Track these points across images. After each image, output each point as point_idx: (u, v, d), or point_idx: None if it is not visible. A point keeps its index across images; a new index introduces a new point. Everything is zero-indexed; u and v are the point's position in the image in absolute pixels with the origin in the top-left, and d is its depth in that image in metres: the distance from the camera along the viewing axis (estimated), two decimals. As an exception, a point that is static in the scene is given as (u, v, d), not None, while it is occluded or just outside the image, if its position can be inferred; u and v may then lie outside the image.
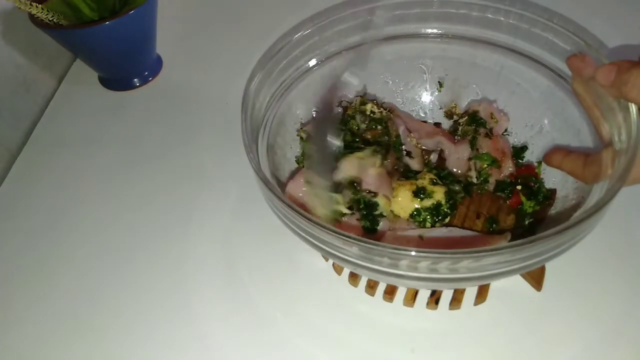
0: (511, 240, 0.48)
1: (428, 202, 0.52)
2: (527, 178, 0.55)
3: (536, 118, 0.57)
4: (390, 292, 0.51)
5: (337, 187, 0.52)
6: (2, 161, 0.72)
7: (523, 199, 0.54)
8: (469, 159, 0.57)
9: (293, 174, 0.56)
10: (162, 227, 0.60)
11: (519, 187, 0.55)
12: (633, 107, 0.42)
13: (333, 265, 0.54)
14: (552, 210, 0.52)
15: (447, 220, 0.53)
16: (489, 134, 0.57)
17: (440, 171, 0.56)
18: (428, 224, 0.52)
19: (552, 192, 0.54)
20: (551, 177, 0.54)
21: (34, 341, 0.53)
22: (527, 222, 0.53)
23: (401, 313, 0.51)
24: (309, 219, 0.39)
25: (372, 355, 0.49)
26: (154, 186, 0.65)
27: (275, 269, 0.55)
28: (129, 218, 0.62)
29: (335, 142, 0.52)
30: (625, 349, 0.47)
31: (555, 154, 0.51)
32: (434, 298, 0.50)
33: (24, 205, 0.65)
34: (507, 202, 0.55)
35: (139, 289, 0.55)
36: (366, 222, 0.51)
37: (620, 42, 0.72)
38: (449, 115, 0.62)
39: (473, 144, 0.57)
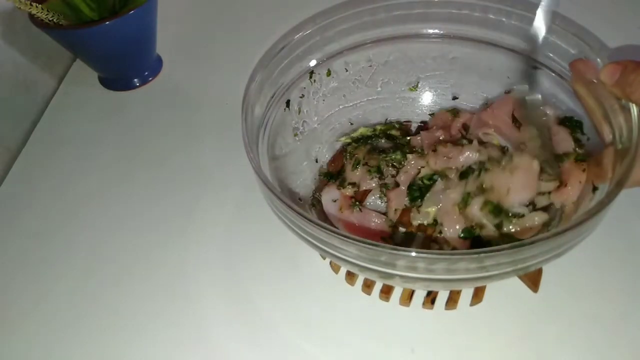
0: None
1: None
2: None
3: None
4: (386, 291, 0.51)
5: None
6: (2, 161, 0.72)
7: None
8: None
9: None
10: (163, 227, 0.60)
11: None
12: (634, 109, 0.42)
13: (330, 263, 0.54)
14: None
15: None
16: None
17: None
18: None
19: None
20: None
21: (34, 341, 0.53)
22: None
23: (397, 312, 0.51)
24: (308, 219, 0.39)
25: (371, 355, 0.49)
26: (154, 186, 0.65)
27: (275, 268, 0.55)
28: (129, 218, 0.62)
29: None
30: (623, 351, 0.47)
31: None
32: (430, 298, 0.50)
33: (24, 205, 0.65)
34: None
35: (140, 290, 0.55)
36: None
37: (621, 42, 0.72)
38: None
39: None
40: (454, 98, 0.62)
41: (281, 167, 0.54)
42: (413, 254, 0.36)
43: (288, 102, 0.56)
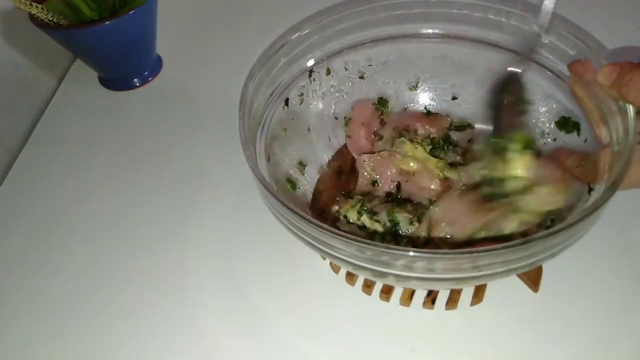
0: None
1: None
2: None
3: (536, 119, 0.57)
4: (387, 291, 0.51)
5: None
6: (2, 161, 0.72)
7: None
8: None
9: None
10: (162, 227, 0.60)
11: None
12: (631, 110, 0.42)
13: (330, 264, 0.54)
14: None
15: None
16: None
17: None
18: None
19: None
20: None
21: (34, 340, 0.53)
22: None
23: (398, 312, 0.51)
24: (305, 219, 0.39)
25: (371, 355, 0.49)
26: (153, 186, 0.65)
27: (274, 268, 0.55)
28: (129, 218, 0.62)
29: None
30: (623, 351, 0.47)
31: (558, 155, 0.52)
32: (431, 298, 0.50)
33: (24, 205, 0.65)
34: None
35: (139, 289, 0.55)
36: None
37: (619, 44, 0.72)
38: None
39: None
40: (454, 98, 0.62)
41: (279, 165, 0.54)
42: (411, 253, 0.36)
43: (287, 101, 0.56)
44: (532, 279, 0.50)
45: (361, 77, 0.61)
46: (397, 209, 0.52)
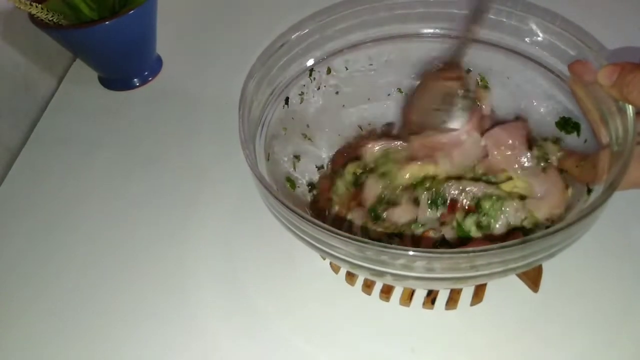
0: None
1: None
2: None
3: (536, 119, 0.57)
4: (386, 291, 0.51)
5: None
6: (2, 161, 0.72)
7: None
8: None
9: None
10: (162, 227, 0.60)
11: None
12: (630, 111, 0.42)
13: (330, 264, 0.54)
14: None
15: None
16: None
17: None
18: None
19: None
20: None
21: (33, 340, 0.53)
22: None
23: (398, 312, 0.51)
24: (305, 219, 0.39)
25: (371, 355, 0.49)
26: (153, 186, 0.65)
27: (274, 268, 0.55)
28: (129, 218, 0.62)
29: None
30: (623, 351, 0.47)
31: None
32: (430, 298, 0.50)
33: (24, 205, 0.65)
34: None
35: (139, 289, 0.55)
36: None
37: (620, 44, 0.72)
38: None
39: None
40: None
41: (279, 165, 0.54)
42: (410, 252, 0.36)
43: (287, 100, 0.56)
44: (532, 279, 0.50)
45: None
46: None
